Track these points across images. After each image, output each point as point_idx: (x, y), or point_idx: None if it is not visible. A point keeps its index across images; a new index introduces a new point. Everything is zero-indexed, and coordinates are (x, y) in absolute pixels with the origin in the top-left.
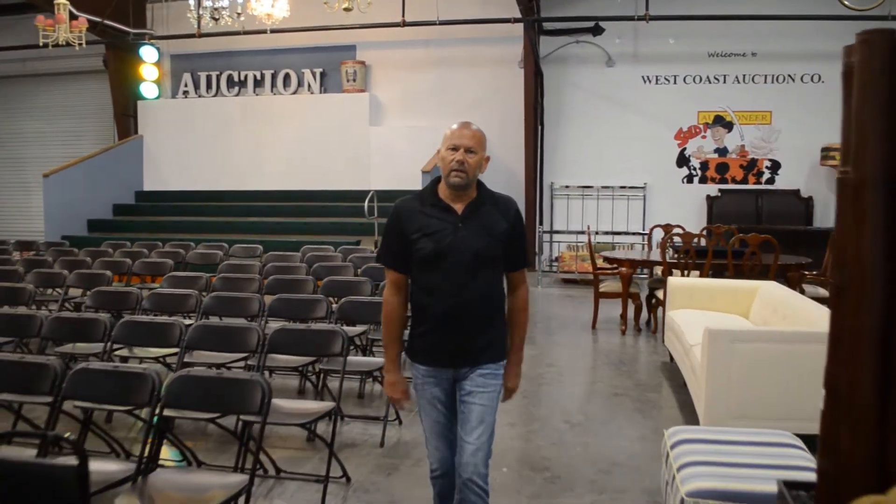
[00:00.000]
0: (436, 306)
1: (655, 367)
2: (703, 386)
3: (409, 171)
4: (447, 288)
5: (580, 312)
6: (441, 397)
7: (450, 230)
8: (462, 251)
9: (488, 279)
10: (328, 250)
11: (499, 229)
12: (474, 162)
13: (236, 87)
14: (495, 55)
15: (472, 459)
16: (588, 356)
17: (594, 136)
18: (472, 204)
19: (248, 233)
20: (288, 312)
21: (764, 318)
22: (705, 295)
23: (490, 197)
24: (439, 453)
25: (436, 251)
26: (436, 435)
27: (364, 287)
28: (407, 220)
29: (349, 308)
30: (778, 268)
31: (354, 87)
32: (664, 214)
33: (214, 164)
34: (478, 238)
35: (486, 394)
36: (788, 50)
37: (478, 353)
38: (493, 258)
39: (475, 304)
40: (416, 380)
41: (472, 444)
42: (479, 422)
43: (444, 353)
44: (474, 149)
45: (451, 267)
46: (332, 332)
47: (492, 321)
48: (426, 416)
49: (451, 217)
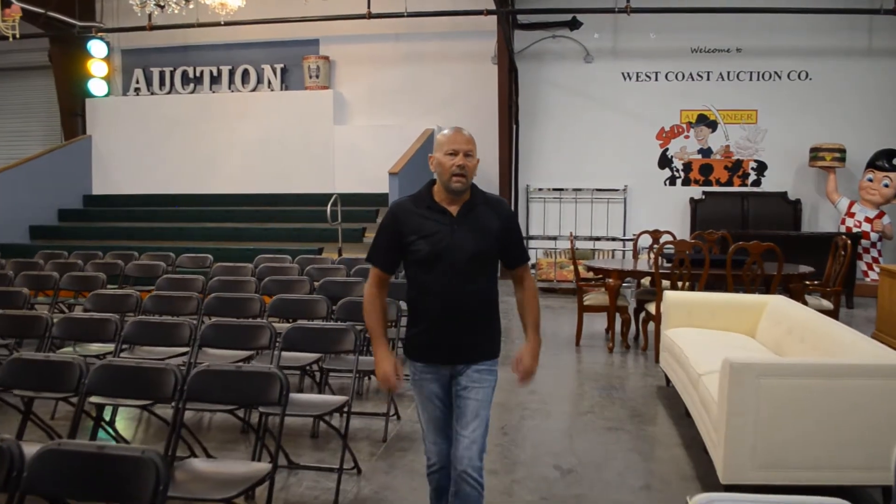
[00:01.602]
0: (433, 306)
1: (650, 391)
2: (723, 428)
3: (375, 172)
4: (444, 288)
5: (561, 326)
6: (439, 393)
7: (446, 232)
8: (458, 252)
9: (483, 279)
10: (284, 261)
11: (493, 229)
12: (472, 165)
13: (191, 84)
14: (467, 50)
15: (468, 453)
16: (574, 380)
17: (572, 135)
18: (466, 205)
19: (203, 240)
20: (224, 341)
21: (776, 340)
22: (706, 311)
23: (483, 197)
24: (437, 447)
25: (433, 252)
26: (434, 430)
27: (318, 307)
28: (403, 221)
29: (296, 337)
30: (765, 277)
31: (317, 83)
32: (646, 218)
33: (168, 167)
34: (473, 239)
35: (482, 389)
36: (775, 45)
37: (474, 350)
38: (489, 258)
39: (471, 304)
40: (413, 377)
41: (467, 437)
42: (474, 416)
43: (441, 351)
44: (471, 152)
45: (448, 268)
46: (269, 375)
47: (487, 320)
48: (424, 411)
49: (447, 219)
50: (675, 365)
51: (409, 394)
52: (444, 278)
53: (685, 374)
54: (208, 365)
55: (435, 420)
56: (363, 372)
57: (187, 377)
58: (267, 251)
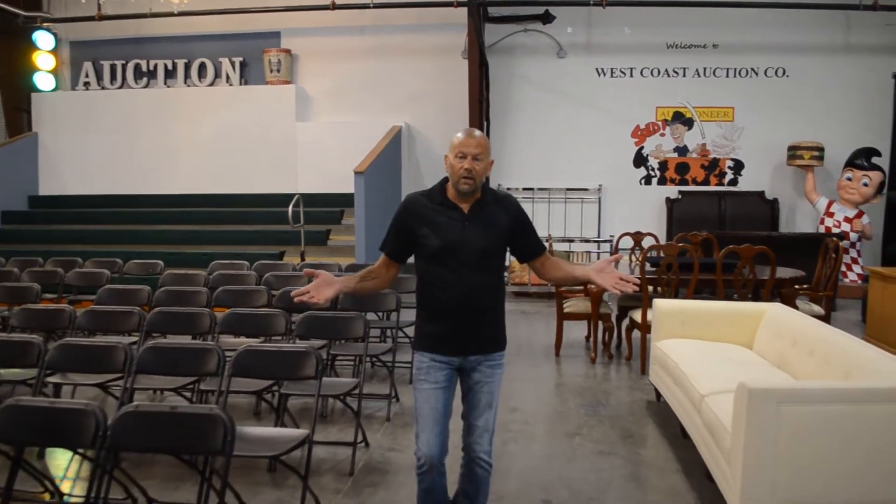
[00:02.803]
0: (443, 299)
1: (639, 407)
2: (738, 461)
3: (340, 171)
4: (453, 281)
5: (538, 333)
6: (444, 382)
7: (457, 228)
8: (468, 247)
9: (491, 274)
10: (241, 267)
11: (503, 226)
12: (481, 168)
13: (145, 79)
14: (436, 44)
15: (481, 440)
16: (557, 395)
17: (545, 133)
18: (477, 203)
19: (157, 243)
20: (164, 366)
21: (779, 353)
22: (699, 320)
23: (493, 196)
24: (430, 442)
25: (443, 247)
26: (432, 423)
27: (275, 323)
28: (416, 215)
29: (247, 362)
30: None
31: (279, 78)
32: (621, 219)
33: (120, 166)
34: (483, 235)
35: (493, 383)
36: (751, 41)
37: (484, 341)
38: (497, 254)
39: (479, 297)
40: (419, 366)
41: (480, 426)
42: (486, 407)
43: (451, 343)
44: (480, 156)
45: (458, 262)
46: (210, 418)
47: (494, 313)
48: (425, 402)
49: (459, 215)
50: (669, 381)
51: (379, 415)
52: (453, 272)
53: (682, 393)
54: (136, 406)
55: (435, 411)
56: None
57: (120, 412)
58: (225, 255)
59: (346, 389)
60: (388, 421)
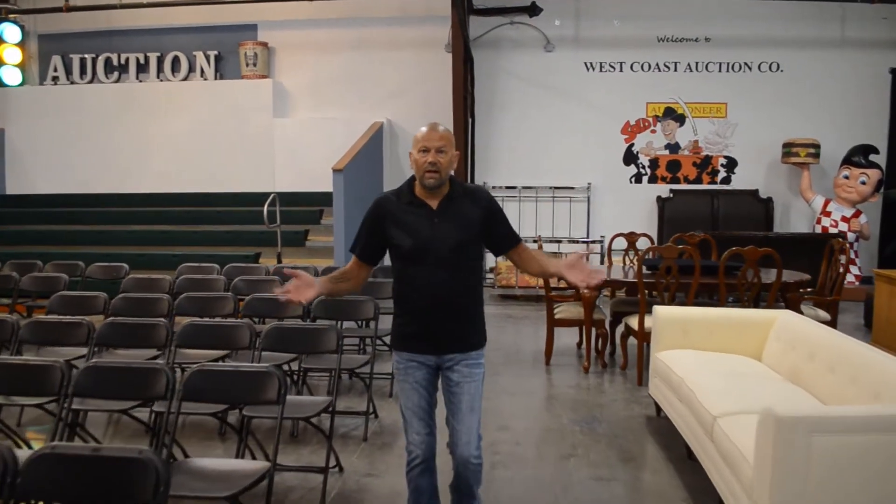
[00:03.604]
0: (418, 298)
1: (638, 424)
2: (765, 497)
3: (320, 169)
4: (428, 280)
5: (526, 339)
6: (424, 382)
7: (427, 225)
8: (440, 244)
9: (466, 269)
10: (210, 271)
11: (474, 219)
12: (445, 161)
13: (116, 73)
14: (419, 37)
15: (467, 445)
16: (549, 410)
17: (531, 129)
18: (446, 199)
19: (128, 244)
20: (105, 389)
21: (793, 367)
22: (703, 329)
23: (462, 189)
24: (420, 437)
25: (414, 246)
26: (418, 420)
27: (238, 335)
28: (384, 214)
29: (199, 383)
30: (762, 286)
31: (255, 72)
32: (611, 218)
33: (91, 164)
34: (454, 231)
35: (473, 383)
36: (744, 35)
37: (461, 339)
38: (470, 249)
39: (455, 294)
40: (398, 366)
41: (464, 432)
42: (469, 410)
43: (427, 342)
44: (444, 148)
45: (431, 260)
46: None
47: (471, 309)
48: (408, 401)
49: (427, 212)
50: (673, 397)
51: (355, 434)
52: (428, 270)
53: (690, 412)
54: (53, 447)
55: (419, 410)
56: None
57: (32, 454)
58: (198, 257)
59: (317, 410)
60: (364, 441)
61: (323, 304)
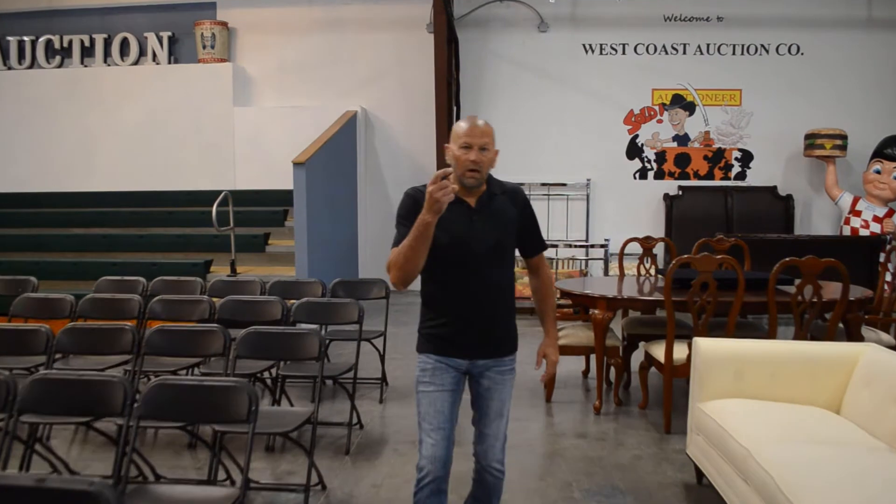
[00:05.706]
0: (451, 298)
1: (676, 496)
2: None
3: (286, 164)
4: (462, 280)
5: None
6: (450, 386)
7: (465, 223)
8: (477, 243)
9: (501, 270)
10: (134, 286)
11: (510, 218)
12: (487, 160)
13: (58, 57)
14: (398, 16)
15: (492, 449)
16: (554, 472)
17: (523, 119)
18: (484, 196)
19: (67, 251)
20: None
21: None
22: (762, 370)
23: (500, 187)
24: (434, 451)
25: (451, 244)
26: (436, 427)
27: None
28: (421, 207)
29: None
30: (823, 305)
31: (213, 55)
32: (612, 219)
33: (28, 159)
34: (492, 229)
35: (504, 389)
36: (760, 14)
37: (494, 344)
38: (507, 249)
39: (490, 296)
40: (423, 368)
41: (491, 435)
42: (497, 415)
43: (459, 345)
44: (487, 146)
45: (467, 259)
46: None
47: (506, 310)
48: (430, 405)
49: (465, 209)
50: (730, 471)
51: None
52: (463, 270)
53: (756, 495)
54: None
55: (440, 416)
56: None
57: None
58: (140, 265)
59: (296, 423)
60: (346, 455)
61: (305, 308)
